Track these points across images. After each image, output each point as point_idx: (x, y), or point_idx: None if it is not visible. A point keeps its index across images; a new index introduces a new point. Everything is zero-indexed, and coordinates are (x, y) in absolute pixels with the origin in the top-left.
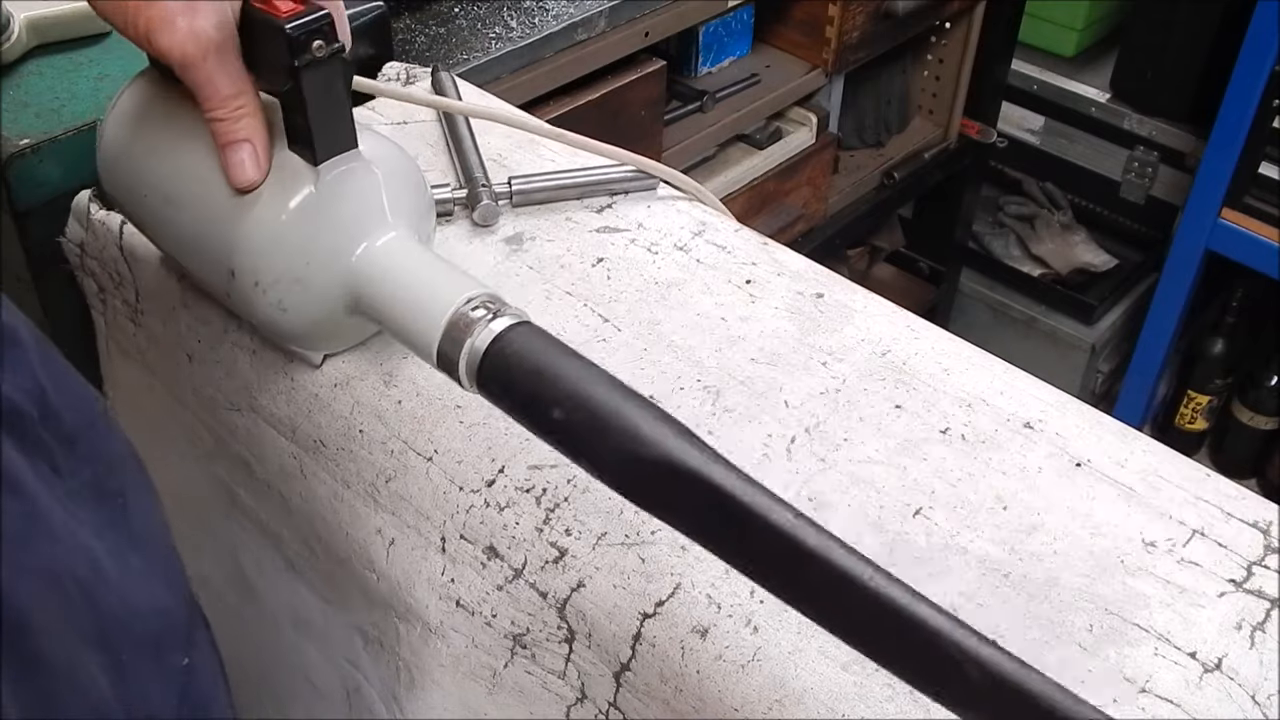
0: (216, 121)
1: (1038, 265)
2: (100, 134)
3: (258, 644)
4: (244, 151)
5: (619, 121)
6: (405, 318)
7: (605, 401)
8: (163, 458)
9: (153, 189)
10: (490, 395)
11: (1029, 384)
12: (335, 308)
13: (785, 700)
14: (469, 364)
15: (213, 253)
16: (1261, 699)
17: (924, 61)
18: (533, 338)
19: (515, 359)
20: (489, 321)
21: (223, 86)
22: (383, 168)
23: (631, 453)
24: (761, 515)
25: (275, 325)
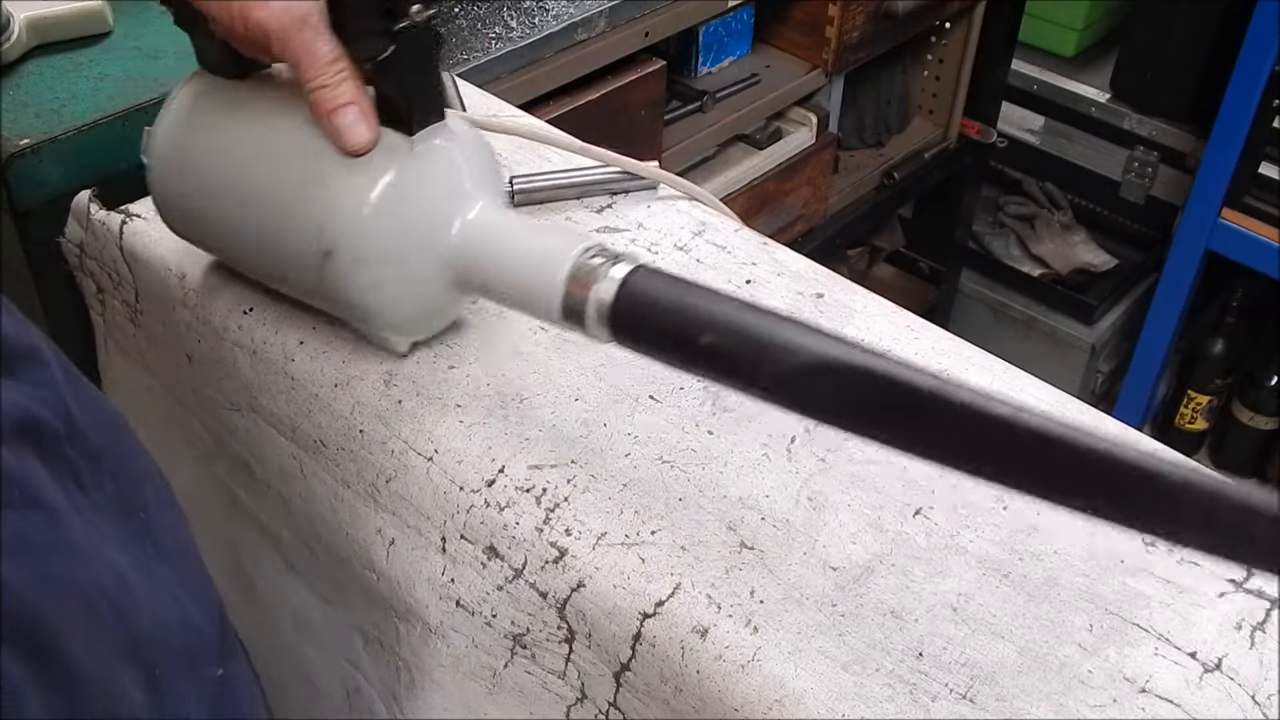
0: (320, 89)
1: (1038, 265)
2: (150, 149)
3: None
4: (351, 113)
5: (619, 121)
6: (520, 280)
7: (751, 320)
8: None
9: (224, 190)
10: (628, 338)
11: (1029, 384)
12: (434, 284)
13: (785, 700)
14: (598, 311)
15: (302, 240)
16: (1261, 699)
17: (924, 61)
18: (656, 276)
19: (649, 297)
20: (609, 268)
21: (322, 53)
22: (467, 137)
23: (792, 364)
24: (942, 395)
25: (373, 307)
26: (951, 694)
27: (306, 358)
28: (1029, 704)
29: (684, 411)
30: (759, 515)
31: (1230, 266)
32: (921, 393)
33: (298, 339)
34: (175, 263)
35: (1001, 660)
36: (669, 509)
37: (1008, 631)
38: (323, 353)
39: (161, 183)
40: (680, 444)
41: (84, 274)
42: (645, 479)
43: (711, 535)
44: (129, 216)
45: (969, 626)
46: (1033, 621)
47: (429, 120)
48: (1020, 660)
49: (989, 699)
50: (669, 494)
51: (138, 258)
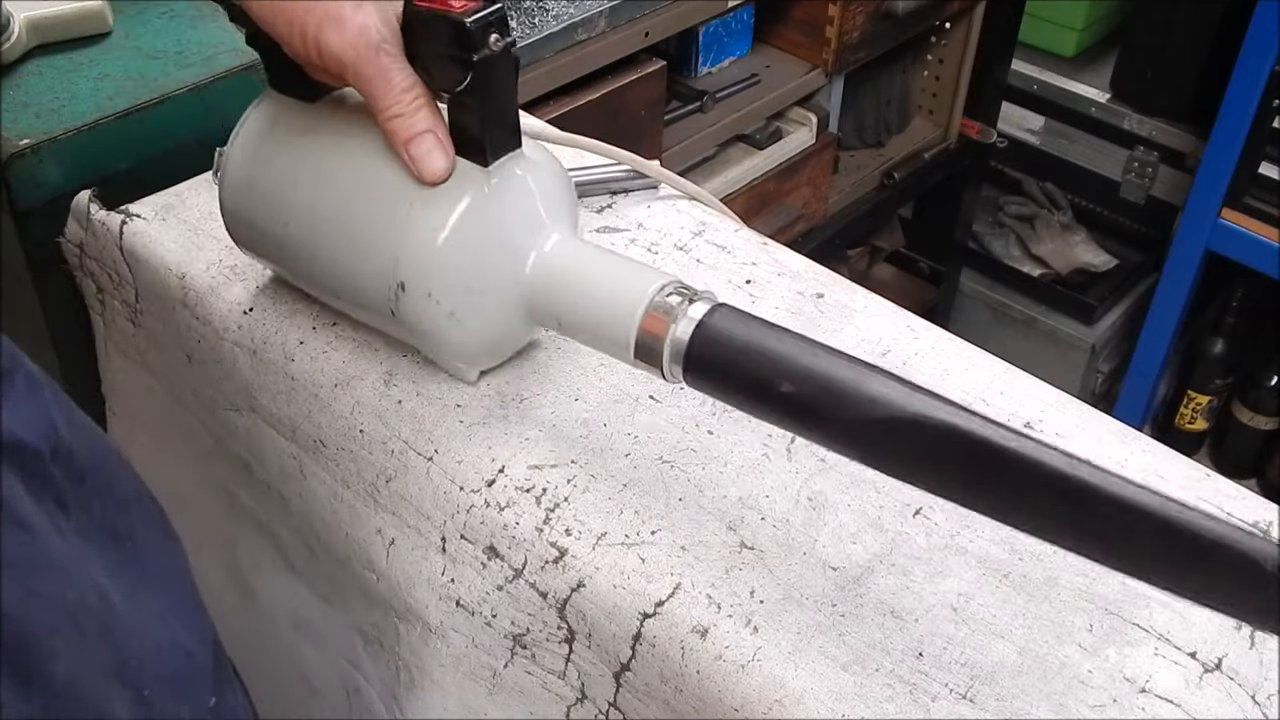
0: (395, 118)
1: (1038, 265)
2: (224, 166)
3: (258, 644)
4: (428, 141)
5: (619, 121)
6: (594, 317)
7: (832, 369)
8: (162, 458)
9: (297, 217)
10: (702, 381)
11: (1029, 384)
12: (510, 315)
13: (785, 700)
14: (674, 353)
15: (377, 270)
16: (1261, 699)
17: (924, 61)
18: (735, 317)
19: (726, 340)
20: (687, 308)
21: (398, 80)
22: (542, 166)
23: (872, 417)
24: (1028, 457)
25: (447, 339)
26: (951, 694)
27: (306, 358)
28: (1029, 704)
29: (684, 411)
30: (759, 515)
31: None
32: (1007, 454)
33: (298, 339)
34: (175, 263)
35: (1001, 660)
36: (669, 509)
37: (1008, 631)
38: (323, 353)
39: (233, 204)
40: (680, 444)
41: (84, 274)
42: (645, 479)
43: (711, 535)
44: (129, 216)
45: (969, 626)
46: (1033, 621)
47: (505, 149)
48: (1020, 660)
49: (989, 699)
50: (669, 494)
51: (138, 258)
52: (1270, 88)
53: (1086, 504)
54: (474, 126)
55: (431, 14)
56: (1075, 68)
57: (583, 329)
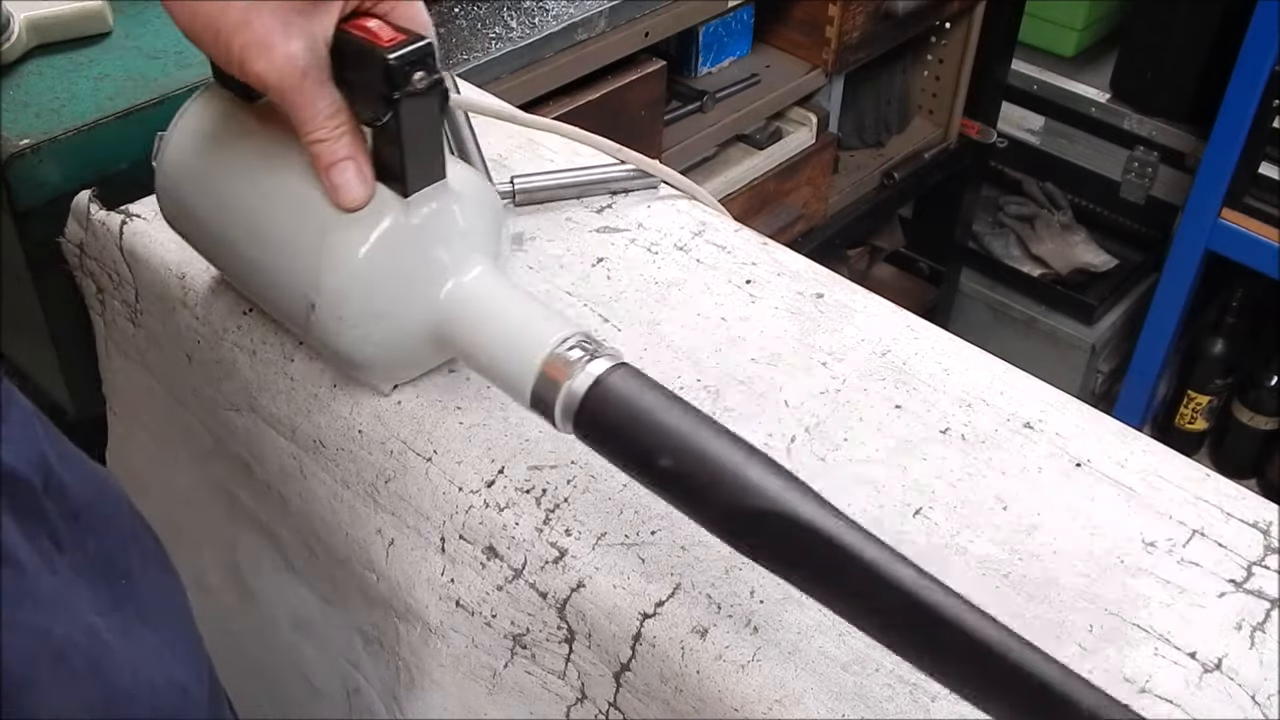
0: (318, 143)
1: (1038, 265)
2: (161, 152)
3: (258, 644)
4: (349, 170)
5: (619, 121)
6: (496, 358)
7: (714, 451)
8: (163, 458)
9: (223, 213)
10: (589, 439)
11: (1029, 384)
12: (419, 342)
13: (785, 700)
14: (566, 408)
15: (292, 285)
16: (1261, 699)
17: (924, 61)
18: (632, 381)
19: (616, 404)
20: (585, 364)
21: (322, 107)
22: (469, 197)
23: (744, 505)
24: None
25: (356, 359)
26: (952, 694)
27: (306, 358)
28: None
29: None
30: None
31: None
32: (861, 562)
33: (297, 339)
34: (175, 263)
35: None
36: (669, 509)
37: None
38: None
39: (166, 192)
40: None
41: (84, 274)
42: None
43: (711, 535)
44: (129, 216)
45: None
46: (1033, 621)
47: (426, 181)
48: None
49: None
50: None
51: (138, 258)
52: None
53: (934, 628)
54: (395, 158)
55: (358, 44)
56: (1075, 68)
57: (485, 369)
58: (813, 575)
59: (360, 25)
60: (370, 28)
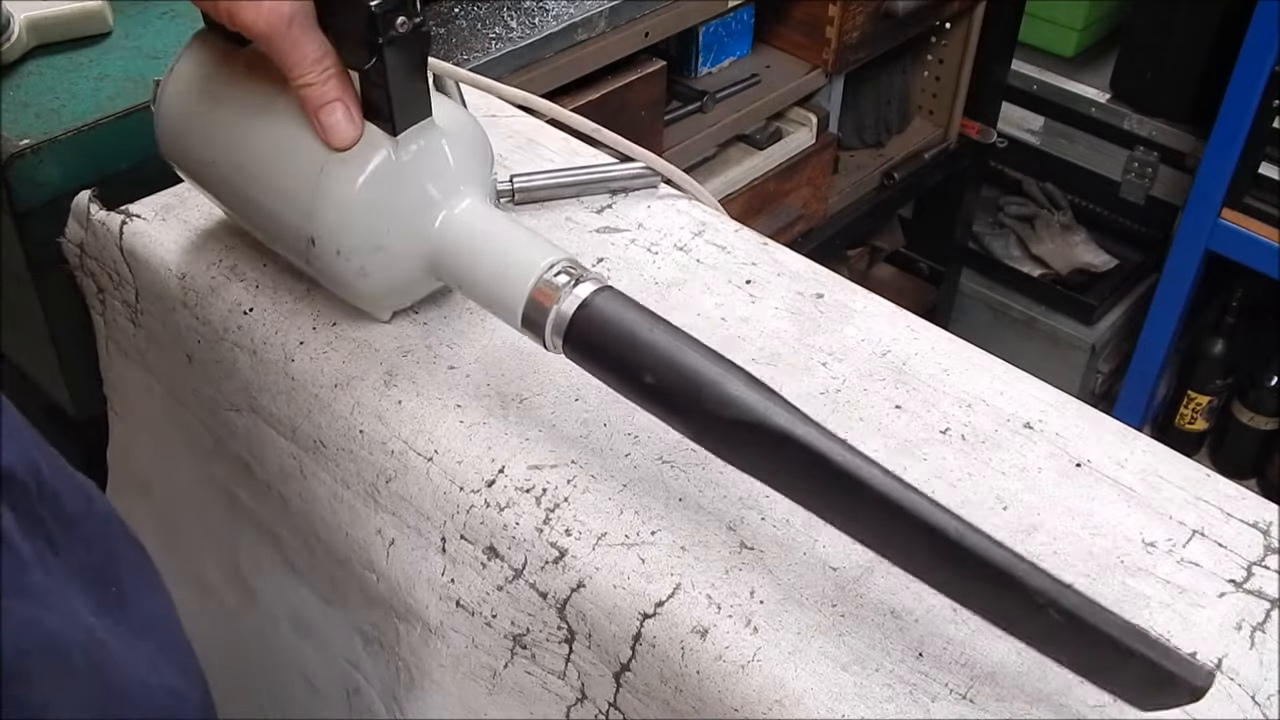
0: (306, 87)
1: (1038, 265)
2: (158, 98)
3: (258, 644)
4: (338, 111)
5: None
6: (489, 284)
7: (694, 366)
8: (164, 457)
9: (221, 157)
10: (578, 358)
11: (1029, 384)
12: (415, 272)
13: (785, 700)
14: (555, 328)
15: (291, 222)
16: (1261, 699)
17: (924, 61)
18: (617, 302)
19: (602, 324)
20: (573, 287)
21: (309, 51)
22: (457, 134)
23: (723, 416)
24: (852, 472)
25: (355, 289)
26: (951, 694)
27: (306, 358)
28: (1029, 704)
29: None
30: (759, 515)
31: (1230, 266)
32: (833, 465)
33: (298, 339)
34: (175, 263)
35: (1001, 660)
36: (669, 509)
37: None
38: (323, 353)
39: (165, 136)
40: (680, 444)
41: (84, 274)
42: (645, 479)
43: (711, 535)
44: (129, 216)
45: (969, 627)
46: None
47: (414, 119)
48: (1020, 660)
49: (989, 699)
50: (669, 494)
51: (138, 258)
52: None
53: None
54: (382, 100)
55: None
56: (1075, 68)
57: (478, 294)
58: (791, 479)
59: None
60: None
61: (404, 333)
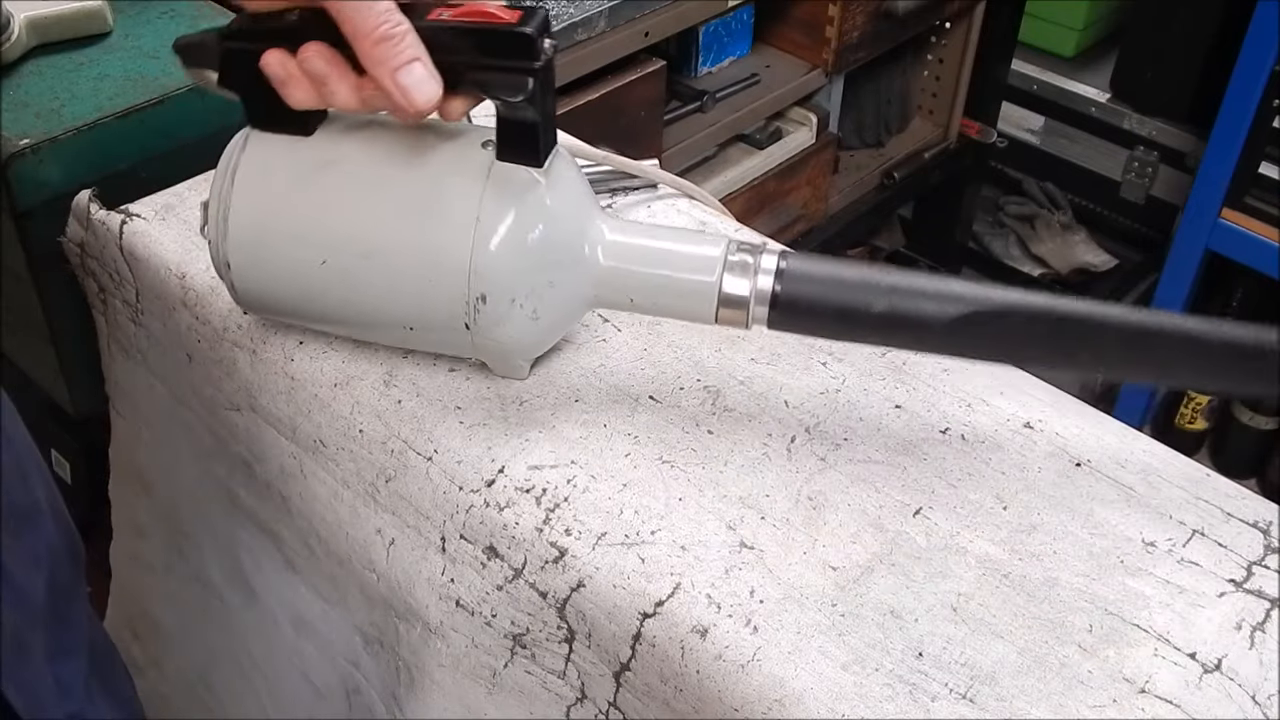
0: (383, 42)
1: (1038, 265)
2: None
3: (258, 643)
4: (418, 68)
5: (619, 121)
6: (670, 290)
7: (912, 281)
8: (165, 456)
9: (335, 255)
10: (789, 321)
11: (1029, 384)
12: (578, 303)
13: (785, 700)
14: (760, 303)
15: (448, 291)
16: (1261, 699)
17: (924, 61)
18: (805, 260)
19: (809, 280)
20: (760, 260)
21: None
22: (569, 159)
23: (957, 312)
24: (1088, 316)
25: (525, 339)
26: (951, 694)
27: (306, 358)
28: (1029, 704)
29: (684, 411)
30: (759, 515)
31: (1230, 266)
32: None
33: (298, 339)
34: (175, 263)
35: (1001, 660)
36: (669, 509)
37: (1008, 631)
38: (323, 353)
39: (242, 259)
40: (680, 444)
41: (85, 273)
42: (645, 479)
43: (711, 535)
44: (129, 216)
45: (969, 626)
46: (1033, 621)
47: (551, 148)
48: (1020, 660)
49: (989, 699)
50: (669, 494)
51: (138, 257)
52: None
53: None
54: (529, 130)
55: (485, 30)
56: (1075, 68)
57: (661, 301)
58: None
59: (472, 10)
60: (487, 9)
61: None
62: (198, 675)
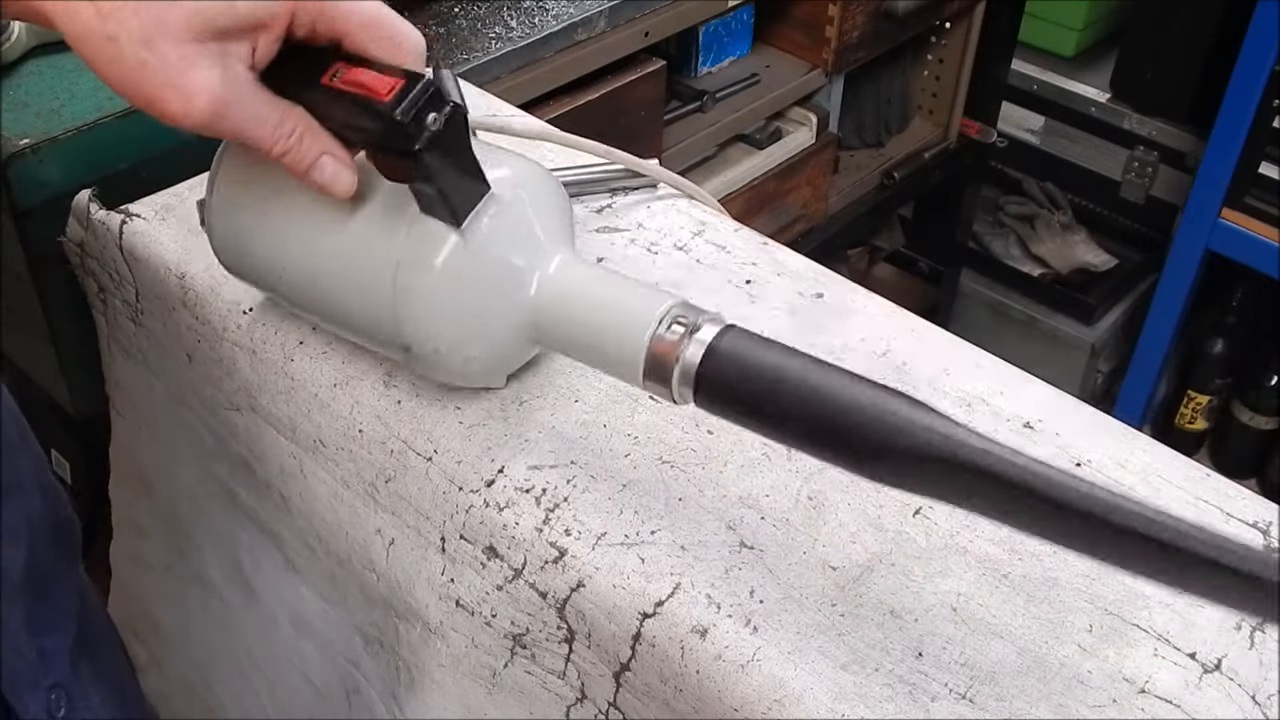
0: (283, 155)
1: (1038, 265)
2: (208, 218)
3: (259, 642)
4: (327, 166)
5: (619, 121)
6: (599, 347)
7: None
8: (165, 456)
9: (289, 272)
10: (712, 404)
11: (1029, 384)
12: (519, 345)
13: (785, 700)
14: (683, 376)
15: (381, 331)
16: (1261, 699)
17: (924, 61)
18: (745, 339)
19: (738, 363)
20: (693, 334)
21: (266, 120)
22: (526, 192)
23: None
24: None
25: (465, 378)
26: (951, 694)
27: (306, 358)
28: (1029, 704)
29: (684, 411)
30: (759, 515)
31: (1230, 266)
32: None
33: (297, 339)
34: (175, 263)
35: (1001, 660)
36: (669, 509)
37: (1007, 631)
38: (322, 353)
39: (228, 254)
40: (680, 444)
41: (85, 273)
42: (645, 479)
43: (711, 535)
44: (129, 216)
45: (969, 626)
46: (1032, 621)
47: (472, 204)
48: (1020, 660)
49: (989, 699)
50: (669, 494)
51: (137, 257)
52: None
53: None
54: (436, 200)
55: (356, 101)
56: (1075, 68)
57: (589, 356)
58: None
59: (351, 80)
60: (364, 80)
61: None
62: (198, 675)
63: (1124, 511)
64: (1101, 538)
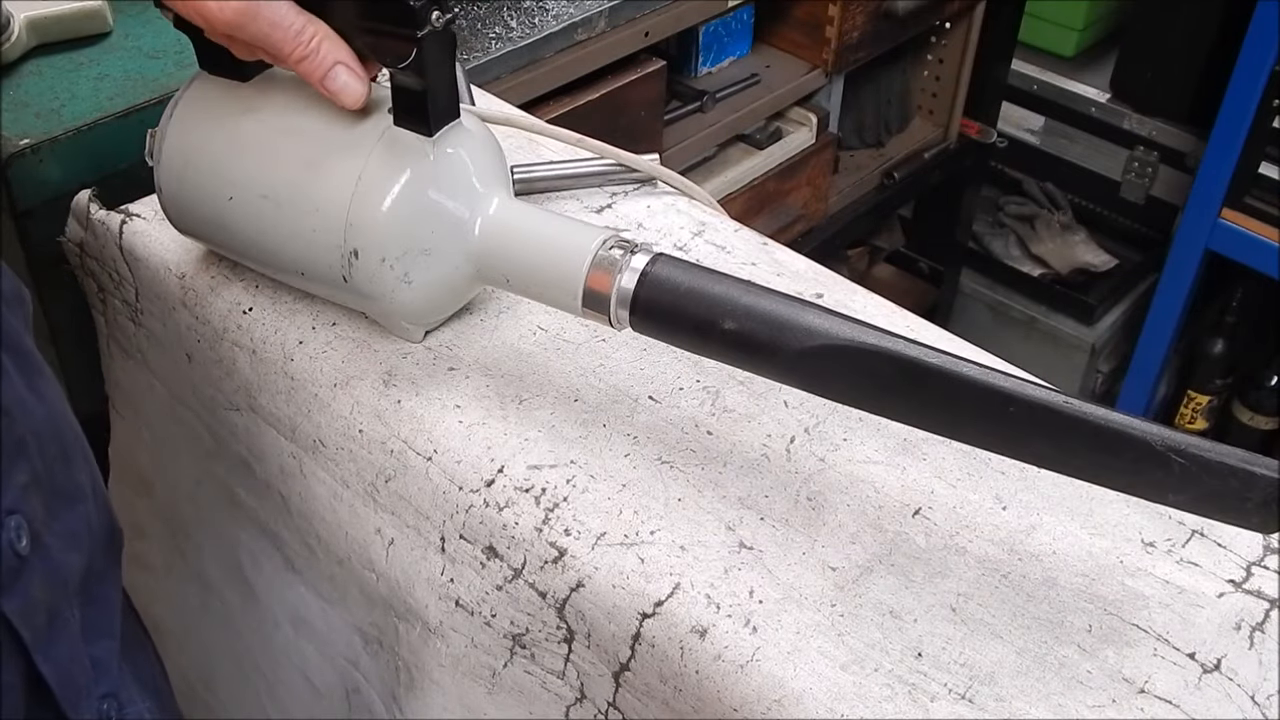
0: (302, 60)
1: (1038, 265)
2: (159, 146)
3: (258, 642)
4: (341, 74)
5: (619, 121)
6: (541, 273)
7: (770, 305)
8: (164, 456)
9: (241, 193)
10: (648, 325)
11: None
12: (458, 275)
13: (785, 700)
14: (620, 300)
15: (328, 240)
16: (1261, 699)
17: (924, 61)
18: (675, 264)
19: (670, 286)
20: (630, 259)
21: (291, 25)
22: (479, 136)
23: (809, 344)
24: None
25: (398, 301)
26: (951, 694)
27: (306, 358)
28: (1028, 704)
29: (684, 411)
30: (758, 515)
31: (1230, 266)
32: (929, 369)
33: (297, 339)
34: (175, 262)
35: (1001, 660)
36: (668, 509)
37: (1006, 632)
38: (322, 353)
39: (170, 184)
40: (680, 444)
41: (85, 273)
42: (645, 479)
43: (711, 535)
44: (129, 216)
45: (968, 626)
46: (1032, 622)
47: (446, 120)
48: (1019, 660)
49: (988, 699)
50: (668, 494)
51: (137, 257)
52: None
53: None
54: (418, 99)
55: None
56: (1075, 68)
57: (531, 285)
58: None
59: None
60: None
61: None
62: (198, 675)
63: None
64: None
